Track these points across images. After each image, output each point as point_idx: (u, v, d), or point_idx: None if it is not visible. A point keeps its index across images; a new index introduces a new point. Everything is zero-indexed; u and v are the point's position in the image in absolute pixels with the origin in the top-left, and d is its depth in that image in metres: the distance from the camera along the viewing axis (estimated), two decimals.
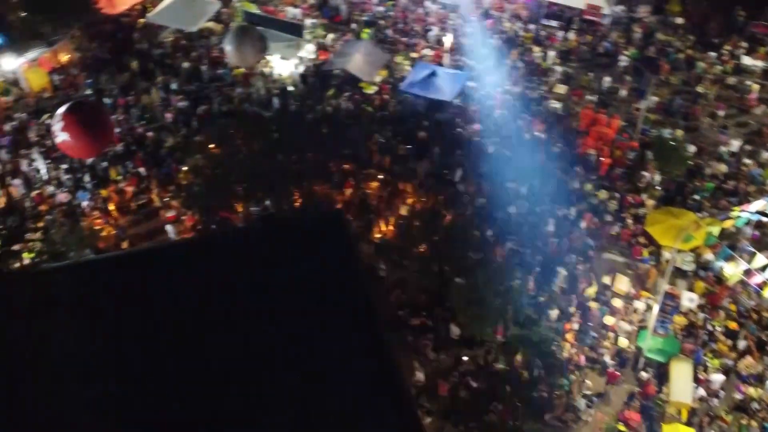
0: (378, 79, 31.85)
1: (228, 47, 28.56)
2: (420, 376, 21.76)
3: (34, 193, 26.29)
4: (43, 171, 27.08)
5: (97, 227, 25.11)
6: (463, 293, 21.99)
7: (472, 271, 22.44)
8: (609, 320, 23.83)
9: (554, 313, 23.54)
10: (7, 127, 29.00)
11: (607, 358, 22.99)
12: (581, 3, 35.04)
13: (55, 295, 12.99)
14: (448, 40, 33.10)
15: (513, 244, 25.13)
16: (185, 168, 26.74)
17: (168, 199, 26.28)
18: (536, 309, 23.52)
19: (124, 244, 24.69)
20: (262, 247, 16.22)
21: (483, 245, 24.38)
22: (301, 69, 32.60)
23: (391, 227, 25.82)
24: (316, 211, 24.10)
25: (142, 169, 27.11)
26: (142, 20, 34.65)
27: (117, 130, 27.82)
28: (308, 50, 33.35)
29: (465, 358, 22.44)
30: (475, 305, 21.63)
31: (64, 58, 32.42)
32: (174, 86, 31.29)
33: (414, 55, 33.92)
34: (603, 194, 27.30)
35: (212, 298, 14.26)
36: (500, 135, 29.32)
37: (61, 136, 22.51)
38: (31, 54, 30.64)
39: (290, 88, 31.49)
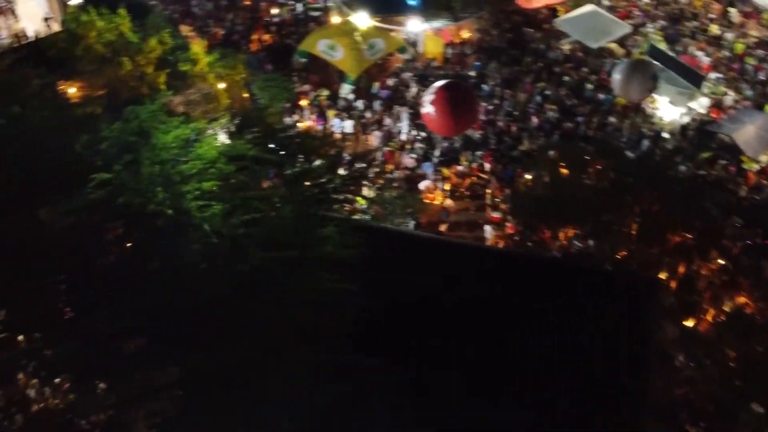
0: (764, 158, 28.82)
1: (616, 76, 27.62)
2: None
3: (386, 149, 27.82)
4: (404, 132, 28.52)
5: (427, 201, 25.98)
6: (756, 424, 19.31)
7: None
8: None
9: None
10: (390, 81, 30.97)
11: None
12: None
13: (357, 253, 13.41)
14: None
15: None
16: (528, 176, 26.49)
17: (499, 200, 26.29)
18: None
19: (443, 227, 25.26)
20: (567, 286, 15.53)
21: None
22: (686, 120, 30.53)
23: (708, 318, 23.40)
24: (635, 271, 22.63)
25: (487, 164, 27.35)
26: (548, 22, 34.76)
27: (482, 118, 28.40)
28: (701, 104, 31.05)
29: None
30: None
31: (465, 35, 33.72)
32: (549, 93, 31.03)
33: None
34: None
35: (499, 312, 13.92)
36: None
37: (427, 108, 23.65)
38: (437, 23, 32.49)
39: (665, 136, 29.66)
